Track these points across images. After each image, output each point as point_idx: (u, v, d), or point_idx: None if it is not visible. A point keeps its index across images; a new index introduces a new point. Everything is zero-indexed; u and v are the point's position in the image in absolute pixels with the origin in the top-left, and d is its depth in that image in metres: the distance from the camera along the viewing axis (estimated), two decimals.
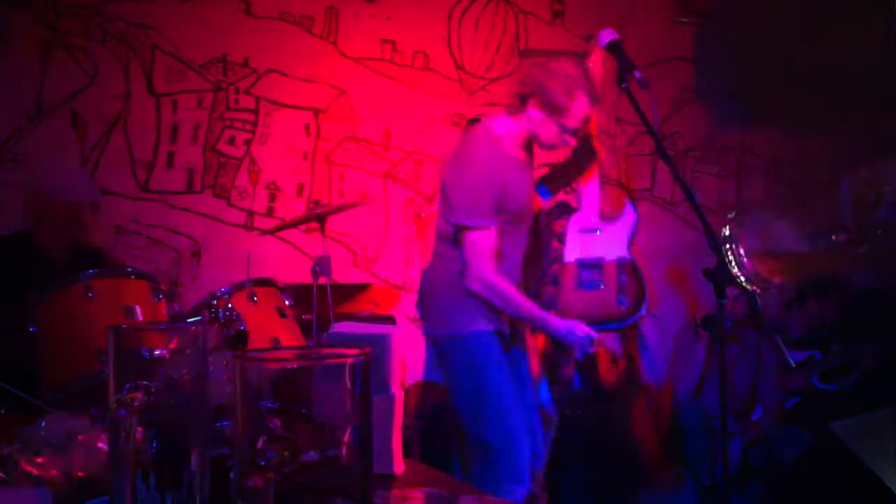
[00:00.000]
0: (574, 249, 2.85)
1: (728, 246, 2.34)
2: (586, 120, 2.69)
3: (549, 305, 2.74)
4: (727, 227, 2.50)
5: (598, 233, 2.82)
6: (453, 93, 4.44)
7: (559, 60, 2.72)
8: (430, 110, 4.39)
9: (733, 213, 2.54)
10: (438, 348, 2.73)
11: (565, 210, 2.86)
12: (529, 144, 2.82)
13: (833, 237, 2.53)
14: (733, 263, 2.42)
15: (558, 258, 2.79)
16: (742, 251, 2.42)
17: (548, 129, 2.66)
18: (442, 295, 2.69)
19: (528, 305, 2.66)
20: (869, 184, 2.46)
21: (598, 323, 2.77)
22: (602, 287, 2.78)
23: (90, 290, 2.06)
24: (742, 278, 2.40)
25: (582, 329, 2.62)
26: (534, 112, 2.65)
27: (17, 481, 1.18)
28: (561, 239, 2.80)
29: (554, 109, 2.61)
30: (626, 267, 2.80)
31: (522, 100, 2.67)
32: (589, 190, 2.87)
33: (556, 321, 2.66)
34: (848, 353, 4.25)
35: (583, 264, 2.80)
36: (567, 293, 2.77)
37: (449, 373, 2.73)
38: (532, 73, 2.69)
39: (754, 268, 2.46)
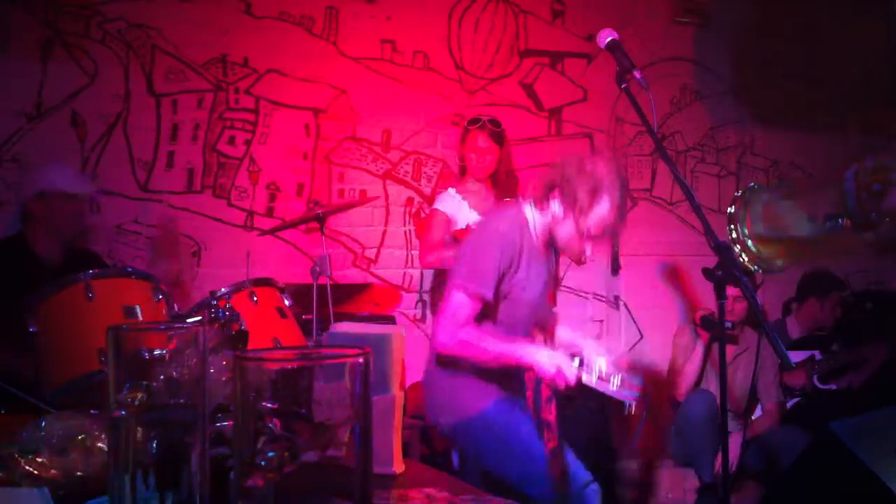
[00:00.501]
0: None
1: (732, 225, 2.26)
2: (608, 229, 2.53)
3: None
4: (733, 205, 2.42)
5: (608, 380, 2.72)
6: (453, 93, 4.44)
7: (595, 159, 2.57)
8: (430, 110, 4.39)
9: (740, 192, 2.46)
10: (450, 438, 2.68)
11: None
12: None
13: (839, 222, 2.48)
14: (737, 243, 2.33)
15: None
16: (747, 231, 2.33)
17: (566, 228, 2.55)
18: (440, 380, 2.61)
19: (502, 349, 2.48)
20: (875, 172, 2.42)
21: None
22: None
23: (90, 290, 2.06)
24: (745, 258, 2.32)
25: (562, 360, 2.46)
26: (555, 204, 2.55)
27: (17, 481, 1.18)
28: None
29: (573, 205, 2.50)
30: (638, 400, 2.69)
31: (548, 189, 2.56)
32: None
33: (539, 352, 2.49)
34: (855, 352, 4.25)
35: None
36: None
37: (470, 452, 2.70)
38: (563, 164, 2.57)
39: (758, 249, 2.38)
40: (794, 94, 5.26)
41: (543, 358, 2.45)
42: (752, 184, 2.47)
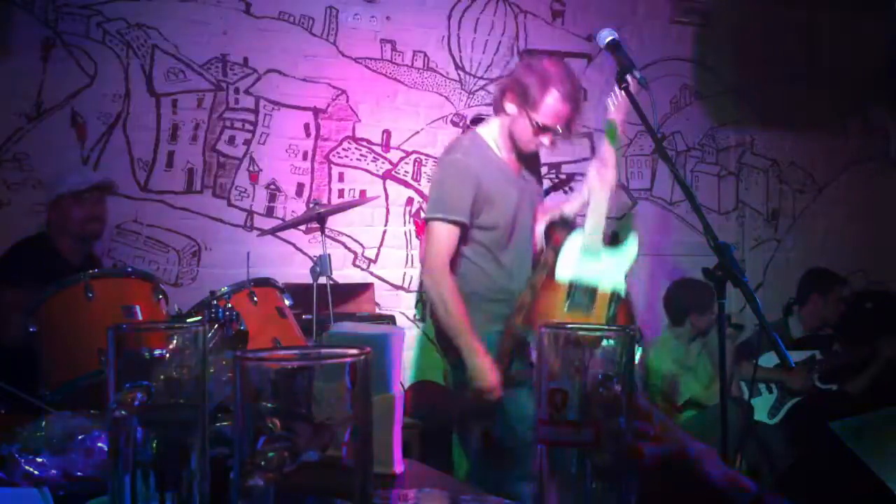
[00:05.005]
0: (569, 268, 2.76)
1: None
2: (562, 120, 2.65)
3: (522, 311, 2.67)
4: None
5: (600, 258, 2.75)
6: (453, 93, 4.44)
7: (546, 59, 2.73)
8: (430, 110, 4.38)
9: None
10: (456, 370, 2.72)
11: (567, 225, 2.82)
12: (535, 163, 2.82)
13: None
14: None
15: (549, 269, 2.72)
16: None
17: (522, 126, 2.66)
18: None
19: (462, 321, 2.57)
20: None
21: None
22: (591, 312, 2.70)
23: (90, 290, 2.05)
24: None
25: (493, 380, 2.54)
26: (510, 106, 2.67)
27: (17, 481, 1.18)
28: (557, 251, 2.73)
29: (526, 101, 2.61)
30: (620, 301, 2.71)
31: (502, 94, 2.70)
32: (599, 213, 2.78)
33: (479, 353, 2.56)
34: (859, 352, 4.25)
35: (576, 285, 2.72)
36: (548, 306, 2.67)
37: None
38: (514, 69, 2.71)
39: None
40: (794, 94, 5.26)
41: (477, 366, 2.53)
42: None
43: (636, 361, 2.51)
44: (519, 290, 2.70)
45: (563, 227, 2.79)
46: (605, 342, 0.77)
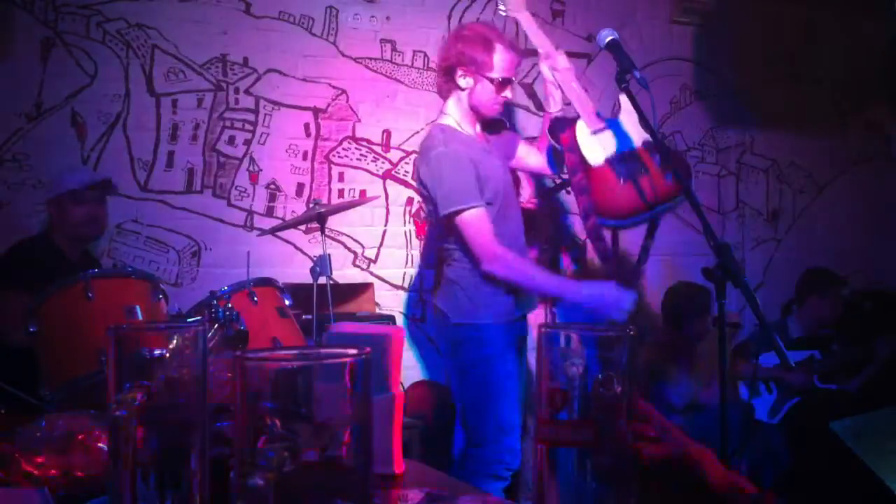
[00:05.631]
0: (595, 151, 2.71)
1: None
2: (514, 67, 2.73)
3: (590, 212, 2.64)
4: None
5: (610, 127, 2.74)
6: None
7: (467, 26, 2.83)
8: (430, 110, 4.38)
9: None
10: (454, 338, 2.73)
11: (566, 122, 2.82)
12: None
13: None
14: None
15: (584, 163, 2.68)
16: None
17: (482, 93, 2.71)
18: (462, 289, 2.71)
19: (551, 278, 2.70)
20: None
21: (656, 205, 2.67)
22: (647, 172, 2.66)
23: (90, 290, 2.05)
24: None
25: (613, 290, 2.54)
26: (463, 81, 2.69)
27: (17, 481, 1.18)
28: (576, 148, 2.71)
29: (479, 67, 2.66)
30: (655, 147, 2.66)
31: (449, 76, 2.73)
32: (577, 95, 2.79)
33: (585, 287, 2.61)
34: (857, 351, 4.25)
35: (616, 160, 2.68)
36: (612, 192, 2.63)
37: (460, 364, 2.74)
38: (446, 50, 2.76)
39: None
40: (794, 94, 5.26)
41: (604, 300, 2.53)
42: None
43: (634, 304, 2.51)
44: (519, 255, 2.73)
45: (563, 124, 2.79)
46: (605, 342, 0.76)
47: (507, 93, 2.75)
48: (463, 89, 2.72)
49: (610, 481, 0.75)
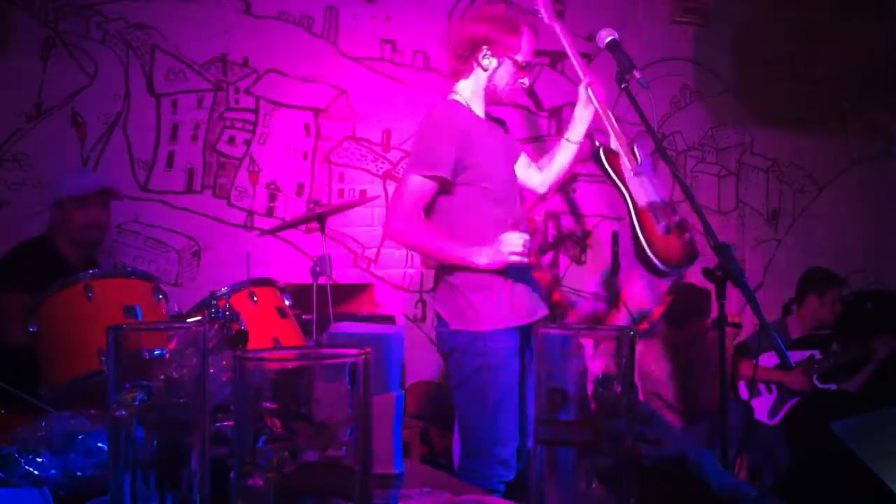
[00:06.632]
0: (640, 193, 2.67)
1: None
2: (534, 51, 2.72)
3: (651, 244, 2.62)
4: None
5: (643, 174, 2.72)
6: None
7: (485, 6, 2.76)
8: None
9: None
10: (454, 345, 2.67)
11: (609, 153, 2.79)
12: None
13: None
14: None
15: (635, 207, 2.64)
16: None
17: (504, 75, 2.68)
18: (464, 294, 2.62)
19: (450, 244, 2.55)
20: None
21: (679, 266, 2.62)
22: (669, 229, 2.64)
23: (90, 290, 2.05)
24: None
25: (505, 240, 2.50)
26: (486, 61, 2.66)
27: (17, 481, 1.18)
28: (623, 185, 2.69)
29: (507, 48, 2.64)
30: (672, 206, 2.66)
31: (470, 55, 2.67)
32: (615, 129, 2.76)
33: (484, 249, 2.52)
34: (857, 351, 4.25)
35: (654, 207, 2.66)
36: (656, 237, 2.60)
37: (459, 372, 2.68)
38: (470, 28, 2.70)
39: None
40: (794, 94, 5.26)
41: (482, 259, 2.50)
42: None
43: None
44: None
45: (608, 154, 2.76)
46: (605, 342, 0.76)
47: (525, 80, 2.73)
48: (485, 70, 2.68)
49: (609, 482, 0.75)
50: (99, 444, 1.22)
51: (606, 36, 2.59)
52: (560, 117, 4.72)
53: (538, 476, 0.76)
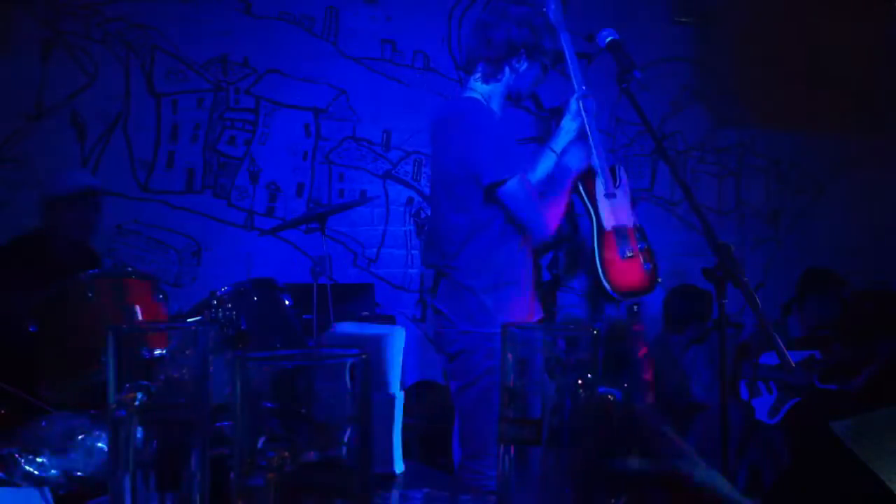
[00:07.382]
0: (608, 217, 2.72)
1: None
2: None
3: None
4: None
5: (616, 197, 2.73)
6: (453, 93, 4.44)
7: (511, 8, 2.74)
8: (430, 110, 4.38)
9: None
10: (461, 346, 2.64)
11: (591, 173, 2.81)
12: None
13: None
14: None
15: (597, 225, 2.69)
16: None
17: (529, 77, 2.71)
18: (475, 294, 2.58)
19: (542, 187, 2.64)
20: None
21: (634, 294, 2.68)
22: (631, 255, 2.66)
23: (90, 290, 2.05)
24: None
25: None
26: (519, 65, 2.68)
27: (17, 481, 1.18)
28: (593, 204, 2.71)
29: (542, 53, 2.67)
30: (641, 231, 2.69)
31: (505, 58, 2.66)
32: (602, 147, 2.78)
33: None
34: (857, 353, 4.25)
35: (619, 231, 2.69)
36: (615, 264, 2.63)
37: (465, 373, 2.65)
38: (511, 32, 2.67)
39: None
40: (794, 94, 5.26)
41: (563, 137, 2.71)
42: None
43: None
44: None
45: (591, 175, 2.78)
46: (569, 341, 0.76)
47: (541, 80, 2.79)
48: (514, 71, 2.70)
49: (574, 480, 0.75)
50: (99, 444, 1.22)
51: (607, 36, 2.59)
52: (560, 117, 4.71)
53: (502, 475, 0.76)
